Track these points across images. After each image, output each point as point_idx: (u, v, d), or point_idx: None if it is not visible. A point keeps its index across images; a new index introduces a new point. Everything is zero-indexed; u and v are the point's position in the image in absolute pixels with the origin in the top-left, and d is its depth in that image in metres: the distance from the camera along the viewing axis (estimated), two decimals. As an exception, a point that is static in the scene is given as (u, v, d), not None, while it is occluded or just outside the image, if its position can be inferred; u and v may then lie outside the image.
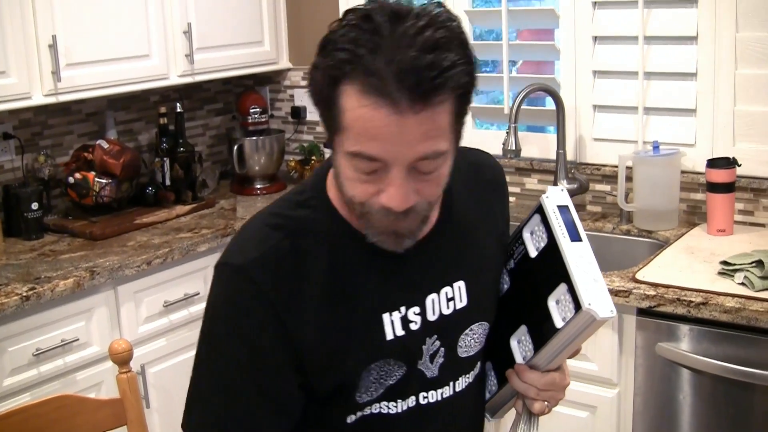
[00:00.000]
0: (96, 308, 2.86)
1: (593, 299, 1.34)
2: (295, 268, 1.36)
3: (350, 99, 1.21)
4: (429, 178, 1.28)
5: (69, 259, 2.97)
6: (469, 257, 1.49)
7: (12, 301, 2.60)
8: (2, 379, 2.63)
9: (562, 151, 3.17)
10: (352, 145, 1.24)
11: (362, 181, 1.28)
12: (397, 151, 1.22)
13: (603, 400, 2.61)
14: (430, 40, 1.18)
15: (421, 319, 1.43)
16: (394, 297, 1.41)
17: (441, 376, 1.48)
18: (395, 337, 1.41)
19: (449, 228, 1.47)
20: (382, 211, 1.29)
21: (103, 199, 3.33)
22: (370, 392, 1.42)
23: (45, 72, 3.01)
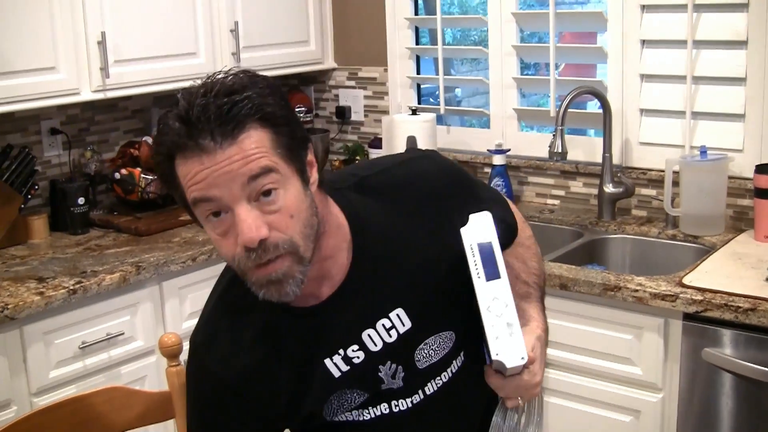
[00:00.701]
0: (141, 303, 2.88)
1: (501, 349, 1.38)
2: (237, 343, 1.50)
3: (181, 169, 1.32)
4: (275, 209, 1.32)
5: (114, 254, 2.99)
6: (401, 284, 1.52)
7: (59, 294, 2.63)
8: (49, 371, 2.66)
9: (608, 154, 3.15)
10: (191, 196, 1.32)
11: (222, 237, 1.34)
12: (224, 185, 1.29)
13: (647, 404, 2.59)
14: (220, 89, 1.31)
15: (364, 354, 1.51)
16: (330, 343, 1.50)
17: (407, 387, 1.55)
18: (342, 374, 1.51)
19: (366, 265, 1.50)
20: (246, 256, 1.33)
21: (148, 195, 3.35)
22: (338, 411, 1.55)
23: (93, 68, 3.04)
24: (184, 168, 1.31)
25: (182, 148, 1.29)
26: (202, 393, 1.56)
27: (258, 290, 1.38)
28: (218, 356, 1.51)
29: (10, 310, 2.52)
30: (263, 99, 1.32)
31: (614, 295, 2.54)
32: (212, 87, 1.31)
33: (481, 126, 3.82)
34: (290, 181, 1.34)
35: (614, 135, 3.17)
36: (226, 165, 1.28)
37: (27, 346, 2.61)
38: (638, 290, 2.50)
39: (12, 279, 2.76)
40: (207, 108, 1.28)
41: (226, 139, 1.28)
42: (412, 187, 1.57)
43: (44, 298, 2.60)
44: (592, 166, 3.29)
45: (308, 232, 1.37)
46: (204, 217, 1.34)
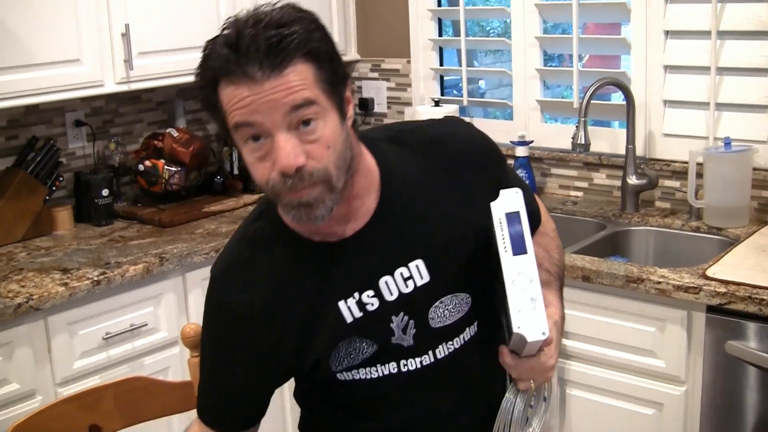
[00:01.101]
0: (164, 294, 2.90)
1: (523, 323, 1.39)
2: (254, 274, 1.53)
3: (225, 94, 1.36)
4: (313, 139, 1.37)
5: (138, 246, 3.01)
6: (424, 236, 1.55)
7: (83, 285, 2.65)
8: (73, 361, 2.68)
9: (631, 146, 3.14)
10: (232, 121, 1.37)
11: (259, 161, 1.39)
12: (266, 113, 1.34)
13: (670, 397, 2.58)
14: (270, 20, 1.35)
15: (379, 301, 1.53)
16: (344, 286, 1.53)
17: (417, 346, 1.57)
18: (354, 319, 1.53)
19: (392, 211, 1.54)
20: (282, 181, 1.38)
21: (172, 186, 3.37)
22: (344, 364, 1.56)
23: (117, 60, 3.06)
24: (229, 93, 1.35)
25: (229, 74, 1.34)
26: (217, 323, 1.59)
27: (289, 212, 1.44)
28: (235, 287, 1.54)
29: (35, 300, 2.54)
30: (310, 34, 1.38)
31: (637, 287, 2.53)
32: (261, 18, 1.36)
33: (504, 117, 3.81)
34: (329, 114, 1.39)
35: (638, 126, 3.16)
36: (270, 94, 1.33)
37: (51, 337, 2.63)
38: (661, 282, 2.49)
39: (37, 270, 2.78)
40: (256, 38, 1.33)
41: (273, 71, 1.33)
42: (444, 148, 1.61)
43: (68, 289, 2.62)
44: (615, 158, 3.28)
45: (341, 164, 1.42)
46: (243, 141, 1.39)
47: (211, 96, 1.38)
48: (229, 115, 1.37)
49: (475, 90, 4.17)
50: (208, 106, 1.41)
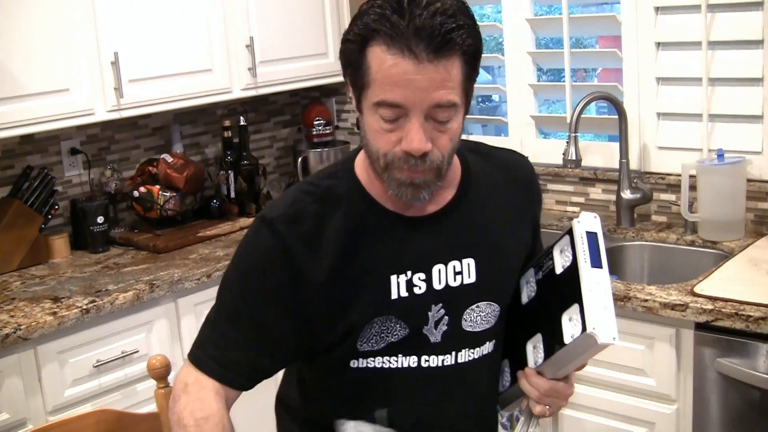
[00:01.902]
0: (156, 320, 2.91)
1: (598, 324, 1.44)
2: (316, 227, 1.54)
3: (377, 56, 1.40)
4: (443, 129, 1.45)
5: (131, 272, 3.03)
6: (482, 239, 1.62)
7: (72, 314, 2.67)
8: (64, 389, 2.69)
9: (624, 160, 3.11)
10: (378, 95, 1.41)
11: (385, 132, 1.44)
12: (415, 97, 1.40)
13: (661, 416, 2.54)
14: (441, 8, 1.39)
15: (426, 286, 1.56)
16: (402, 261, 1.55)
17: (443, 343, 1.59)
18: (399, 298, 1.55)
19: (464, 207, 1.61)
20: (403, 158, 1.45)
21: (167, 212, 3.38)
22: (371, 343, 1.56)
23: (108, 88, 3.08)
24: (384, 59, 1.39)
25: (393, 39, 1.38)
26: (257, 259, 1.57)
27: (394, 187, 1.49)
28: (296, 231, 1.54)
29: (23, 330, 2.56)
30: (474, 32, 1.44)
31: (624, 305, 2.51)
32: (432, 2, 1.40)
33: (504, 134, 3.79)
34: (460, 111, 1.47)
35: (632, 140, 3.13)
36: (424, 81, 1.39)
37: (42, 365, 2.64)
38: (648, 300, 2.46)
39: (29, 299, 2.80)
40: (431, 20, 1.37)
41: (435, 57, 1.38)
42: (515, 171, 1.73)
43: (57, 318, 2.63)
44: (610, 172, 3.25)
45: (452, 155, 1.52)
46: (374, 109, 1.43)
47: (355, 52, 1.42)
48: (374, 86, 1.41)
49: (473, 106, 4.14)
50: (349, 62, 1.45)
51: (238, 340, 1.58)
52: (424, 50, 1.37)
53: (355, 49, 1.42)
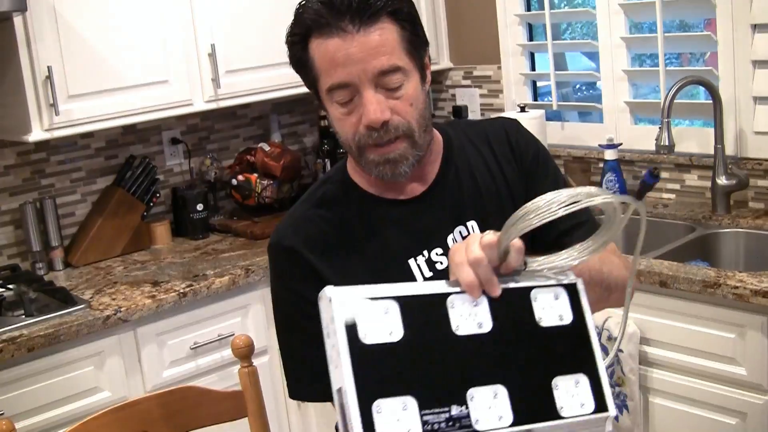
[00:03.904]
0: (252, 305, 2.99)
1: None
2: (322, 232, 1.56)
3: (316, 47, 1.45)
4: (398, 95, 1.47)
5: (228, 258, 3.12)
6: (478, 200, 1.61)
7: (170, 297, 2.76)
8: (162, 370, 2.80)
9: (720, 145, 3.05)
10: (326, 82, 1.46)
11: (345, 116, 1.48)
12: (356, 70, 1.43)
13: (753, 406, 2.50)
14: None
15: (447, 259, 1.50)
16: (415, 243, 1.57)
17: None
18: (425, 280, 1.54)
19: (454, 174, 1.62)
20: (367, 134, 1.47)
21: (265, 199, 3.46)
22: None
23: (205, 79, 3.17)
24: (321, 48, 1.45)
25: (321, 27, 1.44)
26: (281, 273, 1.60)
27: (373, 169, 1.52)
28: (302, 238, 1.56)
29: (123, 313, 2.67)
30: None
31: (714, 293, 2.47)
32: None
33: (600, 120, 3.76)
34: (412, 74, 1.49)
35: (727, 125, 3.07)
36: (360, 52, 1.42)
37: (141, 347, 2.75)
38: (738, 287, 2.42)
39: (130, 283, 2.92)
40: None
41: (363, 26, 1.43)
42: (491, 134, 1.70)
43: (155, 301, 2.74)
44: (706, 158, 3.19)
45: (422, 122, 1.52)
46: (331, 101, 1.48)
47: (301, 53, 1.48)
48: (321, 75, 1.46)
49: (569, 94, 4.10)
50: (298, 63, 1.50)
51: (307, 351, 1.55)
52: (350, 23, 1.42)
53: (299, 49, 1.48)
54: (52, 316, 2.65)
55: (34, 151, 3.22)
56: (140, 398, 1.82)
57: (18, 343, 2.51)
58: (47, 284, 2.94)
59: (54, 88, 2.82)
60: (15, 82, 2.85)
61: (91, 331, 2.64)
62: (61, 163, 3.29)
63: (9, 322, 2.63)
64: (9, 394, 2.51)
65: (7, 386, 2.53)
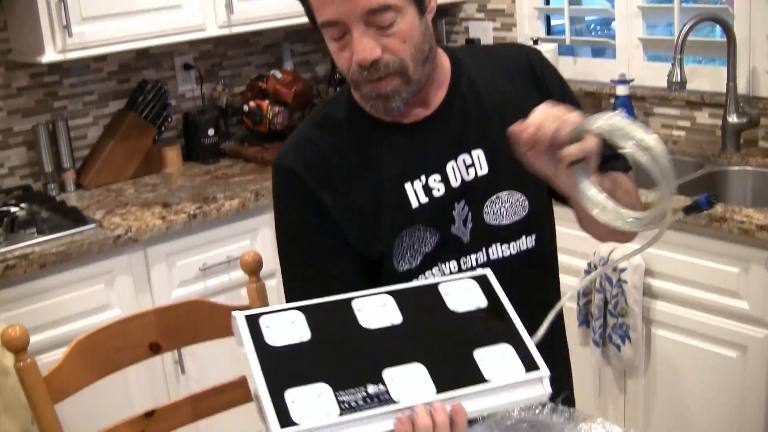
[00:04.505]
0: (261, 228, 3.02)
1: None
2: (321, 153, 1.56)
3: None
4: (390, 33, 1.43)
5: (239, 182, 3.14)
6: (486, 130, 1.58)
7: (180, 219, 2.80)
8: (171, 290, 2.84)
9: (732, 83, 3.04)
10: (319, 18, 1.44)
11: (339, 50, 1.46)
12: (345, 9, 1.40)
13: (754, 340, 2.53)
14: None
15: (444, 186, 1.56)
16: (413, 166, 1.56)
17: (473, 241, 1.58)
18: (420, 205, 1.55)
19: (461, 101, 1.59)
20: (359, 72, 1.45)
21: (275, 126, 3.48)
22: (408, 260, 1.56)
23: (218, 4, 3.16)
24: None
25: None
26: (285, 197, 1.60)
27: (367, 102, 1.52)
28: (302, 159, 1.56)
29: (133, 233, 2.70)
30: None
31: (720, 227, 2.49)
32: None
33: (613, 57, 3.75)
34: (406, 9, 1.44)
35: (740, 63, 3.06)
36: None
37: (151, 267, 2.79)
38: (744, 222, 2.44)
39: (140, 205, 2.95)
40: None
41: None
42: (510, 60, 1.67)
43: (165, 222, 2.77)
44: (718, 96, 3.18)
45: (419, 57, 1.48)
46: (328, 36, 1.47)
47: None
48: (314, 10, 1.45)
49: (583, 29, 4.09)
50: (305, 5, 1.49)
51: (316, 275, 1.58)
52: None
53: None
54: (63, 234, 2.68)
55: (47, 73, 3.23)
56: (149, 310, 1.85)
57: (30, 259, 2.55)
58: (59, 204, 2.97)
59: (67, 9, 2.82)
60: (28, 4, 2.85)
61: (102, 250, 2.68)
62: (73, 86, 3.30)
63: (21, 239, 2.66)
64: (21, 309, 2.56)
65: (19, 301, 2.57)
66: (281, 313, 1.25)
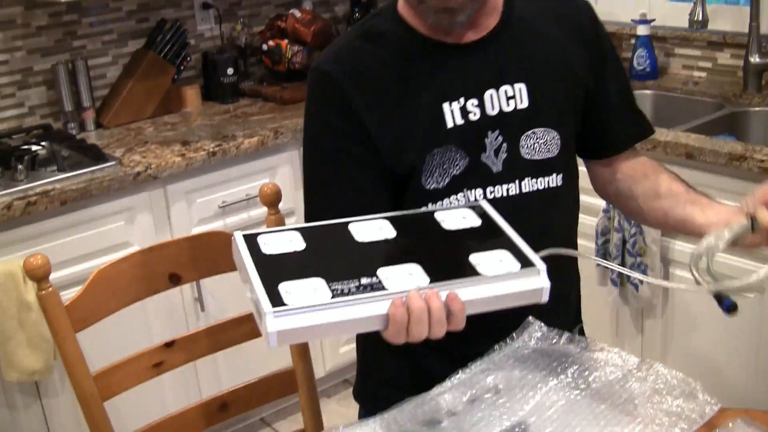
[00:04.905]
0: (280, 166, 3.03)
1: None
2: (363, 62, 1.54)
3: None
4: None
5: (258, 121, 3.14)
6: (531, 65, 1.58)
7: (199, 156, 2.81)
8: (191, 227, 2.86)
9: (755, 23, 3.01)
10: None
11: None
12: None
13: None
14: None
15: (480, 112, 1.55)
16: (454, 88, 1.54)
17: (505, 172, 1.57)
18: (455, 126, 1.54)
19: (509, 33, 1.58)
20: None
21: (294, 65, 3.47)
22: (436, 178, 1.54)
23: (238, -59, 3.15)
24: None
25: None
26: (320, 97, 1.58)
27: (430, 14, 1.50)
28: (341, 65, 1.55)
29: (153, 169, 2.72)
30: None
31: (740, 166, 2.48)
32: None
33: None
34: None
35: (764, 3, 3.02)
36: None
37: (170, 204, 2.81)
38: (765, 160, 2.43)
39: (160, 143, 2.95)
40: None
41: None
42: (564, 7, 1.66)
43: (185, 159, 2.78)
44: (740, 37, 3.15)
45: None
46: None
47: None
48: None
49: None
50: None
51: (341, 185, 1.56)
52: None
53: None
54: (83, 171, 2.70)
55: (66, 12, 3.23)
56: (169, 241, 1.86)
57: (51, 196, 2.57)
58: (79, 142, 2.98)
59: (86, -55, 2.82)
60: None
61: (122, 187, 2.69)
62: (92, 25, 3.29)
63: (42, 176, 2.68)
64: (42, 245, 2.58)
65: (40, 238, 2.60)
66: (279, 233, 1.30)
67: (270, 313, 1.13)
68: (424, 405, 1.41)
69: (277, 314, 1.13)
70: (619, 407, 1.38)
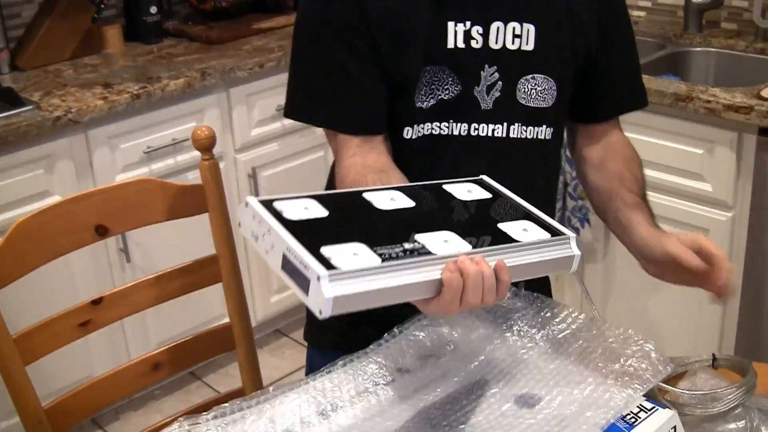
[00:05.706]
0: (208, 109, 2.90)
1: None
2: None
3: None
4: None
5: (184, 62, 2.99)
6: (544, 10, 1.50)
7: (122, 99, 2.66)
8: (114, 175, 2.72)
9: (696, -40, 2.95)
10: None
11: None
12: None
13: (716, 222, 2.50)
14: None
15: (483, 41, 1.48)
16: (463, 9, 1.47)
17: (495, 111, 1.51)
18: (455, 47, 1.47)
19: None
20: None
21: (221, 3, 3.32)
22: (423, 98, 1.48)
23: None
24: None
25: None
26: None
27: None
28: None
29: (74, 114, 2.56)
30: None
31: (686, 107, 2.42)
32: None
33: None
34: None
35: (705, -61, 2.96)
36: None
37: (92, 150, 2.66)
38: (711, 101, 2.37)
39: (80, 85, 2.79)
40: None
41: None
42: None
43: (107, 103, 2.63)
44: (680, -26, 3.10)
45: None
46: None
47: None
48: None
49: None
50: None
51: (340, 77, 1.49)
52: None
53: None
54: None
55: (-25, -55, 3.03)
56: (95, 190, 1.72)
57: (-37, 142, 2.41)
58: (-7, 85, 2.81)
59: None
60: None
61: (41, 132, 2.53)
62: (4, -40, 3.10)
63: (-47, 121, 2.51)
64: (-45, 194, 2.43)
65: (-48, 186, 2.44)
66: (293, 200, 1.17)
67: (326, 277, 1.01)
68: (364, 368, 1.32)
69: (333, 278, 1.01)
70: (569, 367, 1.31)
